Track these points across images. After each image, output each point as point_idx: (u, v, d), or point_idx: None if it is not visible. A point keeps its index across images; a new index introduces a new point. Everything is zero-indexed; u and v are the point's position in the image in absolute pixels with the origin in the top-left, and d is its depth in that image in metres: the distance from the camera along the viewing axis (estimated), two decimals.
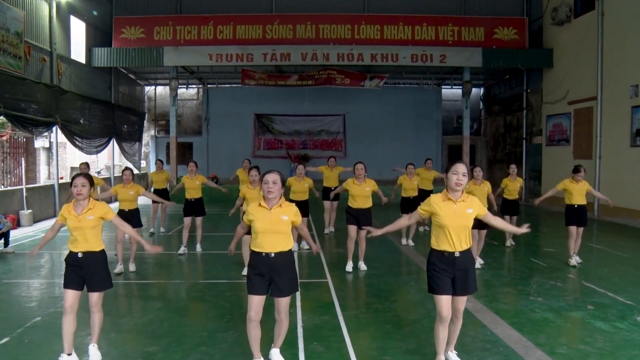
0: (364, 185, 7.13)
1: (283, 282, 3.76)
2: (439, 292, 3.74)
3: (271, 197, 3.77)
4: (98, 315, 4.13)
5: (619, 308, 5.50)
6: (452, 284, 3.76)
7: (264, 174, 3.82)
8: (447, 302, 3.75)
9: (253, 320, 3.74)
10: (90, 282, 4.05)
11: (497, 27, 16.72)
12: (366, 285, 6.66)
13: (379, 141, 21.34)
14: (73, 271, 4.04)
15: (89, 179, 4.11)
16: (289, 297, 3.85)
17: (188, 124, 22.94)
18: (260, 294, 3.75)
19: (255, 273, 3.76)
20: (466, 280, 3.76)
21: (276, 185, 3.75)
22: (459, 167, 3.73)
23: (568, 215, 7.70)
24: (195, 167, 8.83)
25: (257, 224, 3.76)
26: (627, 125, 12.86)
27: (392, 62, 16.36)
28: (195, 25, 16.63)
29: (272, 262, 3.73)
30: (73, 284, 4.02)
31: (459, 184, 3.73)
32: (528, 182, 18.30)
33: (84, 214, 4.06)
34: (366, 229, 5.27)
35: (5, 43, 11.22)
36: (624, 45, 12.96)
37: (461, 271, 3.75)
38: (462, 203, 3.78)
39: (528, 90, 18.28)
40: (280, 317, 3.87)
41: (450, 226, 3.72)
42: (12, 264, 7.93)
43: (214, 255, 8.62)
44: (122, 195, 7.34)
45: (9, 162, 13.70)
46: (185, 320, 5.18)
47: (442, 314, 3.75)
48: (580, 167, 7.65)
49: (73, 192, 4.07)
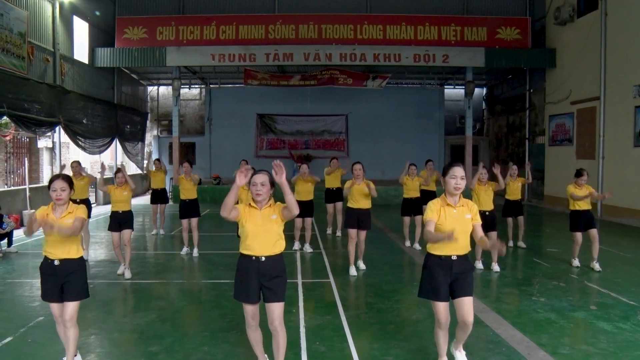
0: (363, 185, 7.12)
1: (275, 285, 3.58)
2: (436, 299, 3.68)
3: (259, 199, 3.59)
4: (73, 331, 3.80)
5: (622, 308, 5.48)
6: (449, 287, 3.70)
7: (252, 175, 3.59)
8: (444, 308, 3.69)
9: (251, 325, 3.67)
10: (67, 289, 3.76)
11: (500, 27, 16.69)
12: (368, 286, 6.65)
13: (382, 141, 21.32)
14: (50, 281, 3.78)
15: (68, 182, 3.87)
16: (282, 304, 3.62)
17: (190, 124, 22.97)
18: (253, 303, 3.60)
19: (244, 278, 3.59)
20: (463, 284, 3.68)
21: (264, 187, 3.57)
22: (457, 171, 3.66)
23: (573, 221, 7.50)
24: (190, 167, 8.71)
25: (248, 225, 3.57)
26: (630, 126, 12.82)
27: (394, 62, 16.35)
28: (197, 26, 16.64)
29: (262, 266, 3.55)
30: (54, 296, 3.78)
31: (458, 188, 3.66)
32: (531, 182, 18.25)
33: (63, 217, 3.81)
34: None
35: (8, 43, 11.26)
36: (627, 45, 12.92)
37: (458, 274, 3.67)
38: (461, 208, 3.72)
39: (531, 90, 18.24)
40: (273, 325, 3.58)
41: (450, 230, 3.59)
42: (16, 263, 7.95)
43: (216, 255, 8.63)
44: (115, 196, 7.15)
45: (12, 162, 13.75)
46: (187, 320, 5.19)
47: (440, 320, 3.71)
48: (583, 170, 7.40)
49: (52, 196, 3.80)
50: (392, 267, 7.73)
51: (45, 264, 3.83)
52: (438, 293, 3.66)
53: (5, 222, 8.58)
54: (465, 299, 3.67)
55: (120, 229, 7.05)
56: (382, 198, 16.25)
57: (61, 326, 3.84)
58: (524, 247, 9.19)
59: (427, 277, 3.75)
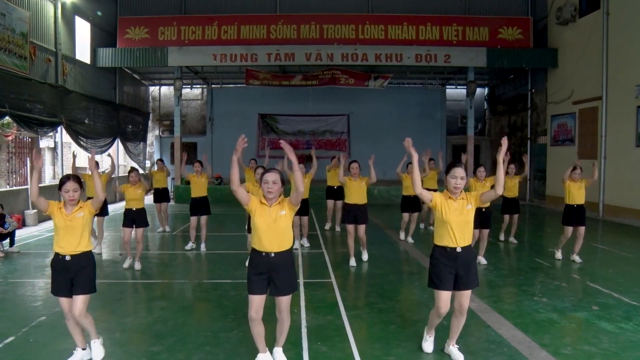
0: (359, 181, 7.65)
1: (282, 281, 3.80)
2: (440, 287, 3.95)
3: (271, 196, 3.80)
4: (86, 321, 4.00)
5: (624, 309, 5.47)
6: (455, 279, 3.95)
7: (264, 173, 3.86)
8: (446, 297, 3.96)
9: (254, 319, 3.81)
10: (76, 284, 3.91)
11: (502, 26, 16.67)
12: (370, 285, 6.65)
13: (383, 141, 21.25)
14: (61, 276, 3.93)
15: (79, 182, 4.04)
16: (290, 297, 3.88)
17: (192, 124, 22.99)
18: (260, 294, 3.79)
19: (255, 272, 3.80)
20: (468, 276, 3.94)
21: (276, 185, 3.79)
22: (457, 172, 3.97)
23: (566, 215, 7.87)
24: (200, 166, 9.14)
25: (258, 220, 3.78)
26: (632, 125, 12.80)
27: (396, 62, 16.34)
28: (199, 26, 16.66)
29: (272, 261, 3.77)
30: (64, 291, 3.93)
31: (457, 188, 3.97)
32: (533, 182, 18.25)
33: (74, 212, 3.97)
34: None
35: (10, 43, 11.28)
36: (629, 45, 12.90)
37: (463, 266, 3.93)
38: (462, 200, 4.00)
39: (532, 90, 18.22)
40: (281, 316, 3.90)
41: (453, 222, 3.93)
42: (18, 263, 7.97)
43: (219, 255, 8.64)
44: (130, 194, 7.57)
45: (14, 162, 13.76)
46: (189, 320, 5.19)
47: (440, 308, 3.97)
48: (576, 165, 7.81)
49: (65, 197, 3.97)
50: (394, 267, 7.74)
51: (56, 260, 3.97)
52: (442, 283, 3.94)
53: (8, 222, 8.60)
54: (468, 292, 3.99)
55: (133, 225, 7.51)
56: (383, 197, 16.27)
57: (71, 320, 3.98)
58: (515, 243, 9.56)
59: (434, 268, 4.02)
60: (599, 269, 7.65)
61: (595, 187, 13.84)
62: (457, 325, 4.10)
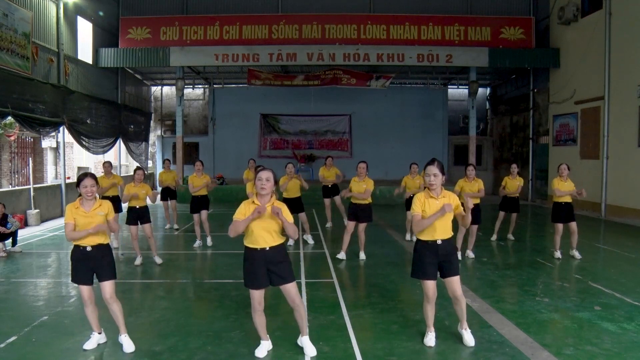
0: (363, 182, 7.79)
1: (282, 270, 4.04)
2: (425, 277, 4.31)
3: (264, 193, 4.01)
4: (116, 305, 4.34)
5: (626, 309, 5.46)
6: (440, 269, 4.32)
7: (258, 171, 4.07)
8: (432, 285, 4.31)
9: (257, 310, 4.08)
10: (100, 272, 4.27)
11: (504, 26, 16.66)
12: (372, 285, 6.65)
13: (385, 141, 21.32)
14: (83, 265, 4.25)
15: (95, 180, 4.39)
16: (295, 283, 4.09)
17: (194, 124, 23.02)
18: (259, 288, 4.03)
19: (252, 267, 4.02)
20: (451, 264, 4.31)
21: (269, 182, 4.01)
22: (430, 170, 4.29)
23: (554, 213, 8.10)
24: (201, 166, 9.42)
25: (251, 224, 3.98)
26: (634, 125, 12.77)
27: (398, 62, 16.33)
28: (201, 26, 16.68)
29: (267, 254, 4.01)
30: (85, 279, 4.25)
31: (432, 184, 4.28)
32: (534, 182, 18.21)
33: (94, 209, 4.30)
34: None
35: (13, 44, 11.30)
36: (631, 45, 12.87)
37: (444, 256, 4.29)
38: (443, 199, 4.30)
39: (535, 90, 18.19)
40: (294, 303, 4.09)
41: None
42: (20, 263, 7.98)
43: (220, 254, 8.66)
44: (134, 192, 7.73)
45: (16, 162, 13.81)
46: (191, 320, 5.19)
47: (428, 295, 4.34)
48: (562, 165, 7.97)
49: (83, 192, 4.29)
50: (396, 266, 7.72)
51: (76, 250, 4.29)
52: (426, 273, 4.31)
53: (10, 221, 8.61)
54: (454, 278, 4.32)
55: (138, 223, 7.75)
56: (385, 198, 16.25)
57: (89, 307, 4.31)
58: (513, 239, 9.76)
59: (416, 260, 4.39)
60: (601, 269, 7.63)
61: (598, 187, 13.82)
62: (460, 311, 4.40)
